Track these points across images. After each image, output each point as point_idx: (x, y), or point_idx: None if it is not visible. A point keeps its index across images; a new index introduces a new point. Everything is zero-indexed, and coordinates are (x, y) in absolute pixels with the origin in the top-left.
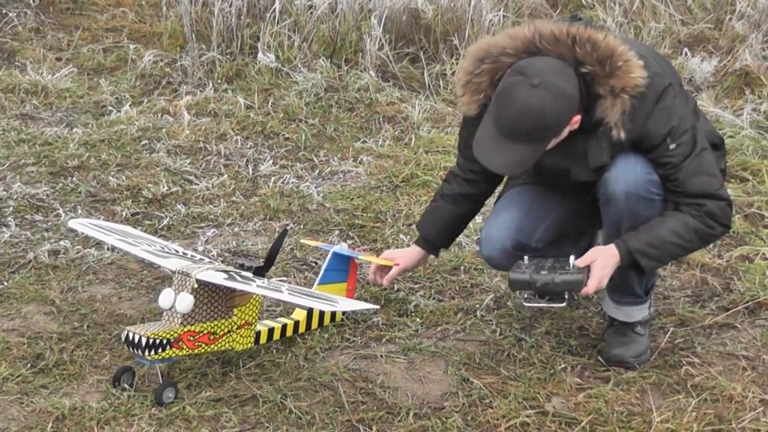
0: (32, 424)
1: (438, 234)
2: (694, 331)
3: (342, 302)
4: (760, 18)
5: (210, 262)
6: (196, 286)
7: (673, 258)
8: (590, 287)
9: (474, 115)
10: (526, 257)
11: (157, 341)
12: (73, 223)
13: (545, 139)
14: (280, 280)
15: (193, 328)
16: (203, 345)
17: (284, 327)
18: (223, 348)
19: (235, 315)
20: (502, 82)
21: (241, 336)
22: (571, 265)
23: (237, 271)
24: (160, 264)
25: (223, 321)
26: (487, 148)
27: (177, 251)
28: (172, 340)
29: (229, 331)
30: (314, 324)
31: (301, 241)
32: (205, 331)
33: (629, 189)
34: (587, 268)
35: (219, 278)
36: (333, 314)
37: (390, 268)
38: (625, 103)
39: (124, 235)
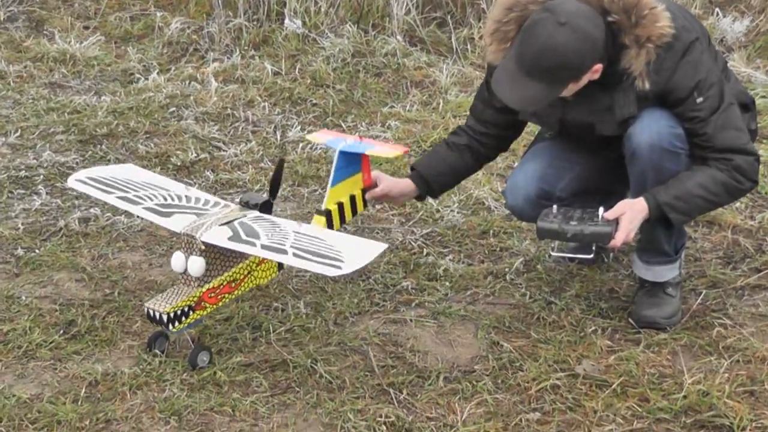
0: (65, 389)
1: (434, 174)
2: (725, 293)
3: (347, 261)
4: None
5: (214, 205)
6: (203, 247)
7: (701, 212)
8: (618, 240)
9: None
10: (554, 207)
11: (179, 312)
12: (71, 182)
13: (563, 80)
14: (288, 224)
15: (211, 284)
16: (226, 295)
17: None
18: (247, 288)
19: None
20: (530, 19)
21: (262, 270)
22: (600, 217)
23: (242, 214)
24: (162, 224)
25: (240, 265)
26: (504, 81)
27: (179, 197)
28: (193, 305)
29: (249, 272)
30: (336, 226)
31: (307, 136)
32: (225, 282)
33: (653, 142)
34: (616, 221)
35: (223, 237)
36: (354, 208)
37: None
38: (650, 53)
39: (127, 183)
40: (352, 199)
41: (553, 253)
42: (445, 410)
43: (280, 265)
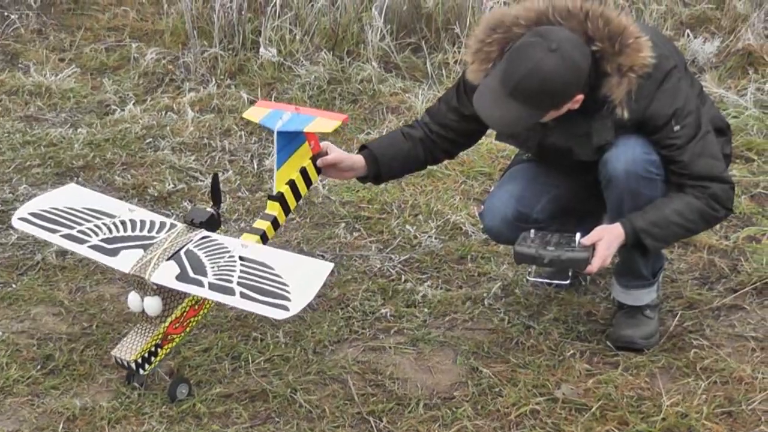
0: (43, 425)
1: (387, 158)
2: (702, 314)
3: (294, 299)
4: None
5: (161, 226)
6: (155, 287)
7: (677, 239)
8: (594, 266)
9: (479, 84)
10: (532, 231)
11: (146, 355)
12: (15, 222)
13: (545, 106)
14: (236, 245)
15: (174, 316)
16: (192, 319)
17: (264, 236)
18: (213, 304)
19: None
20: (519, 41)
21: None
22: (577, 243)
23: (188, 240)
24: (109, 265)
25: None
26: (486, 99)
27: (124, 222)
28: (159, 342)
29: None
30: (292, 205)
31: (243, 115)
32: (188, 307)
33: (629, 168)
34: (592, 246)
35: (171, 278)
36: (307, 180)
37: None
38: (632, 82)
39: (71, 213)
40: (303, 172)
41: (530, 278)
42: None
43: None
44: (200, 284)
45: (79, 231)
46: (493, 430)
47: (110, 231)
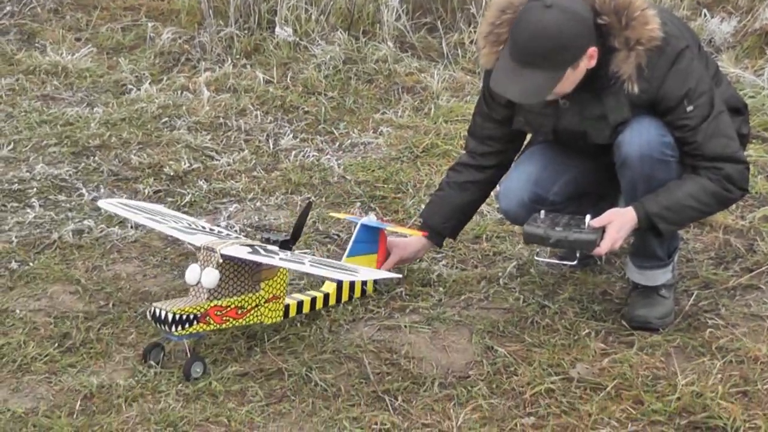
0: (61, 402)
1: (443, 222)
2: (718, 293)
3: (363, 272)
4: None
5: (236, 237)
6: (221, 261)
7: (692, 221)
8: (603, 248)
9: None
10: (542, 211)
11: (184, 317)
12: (102, 203)
13: (560, 64)
14: (303, 253)
15: (220, 302)
16: (231, 319)
17: (314, 300)
18: (251, 322)
19: (263, 289)
20: (518, 13)
21: (269, 309)
22: (587, 224)
23: (262, 245)
24: (185, 240)
25: (250, 295)
26: (502, 77)
27: (204, 227)
28: (199, 315)
29: (257, 305)
30: (344, 296)
31: (330, 213)
32: (233, 306)
33: (643, 151)
34: (602, 229)
35: (243, 252)
36: (363, 287)
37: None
38: (640, 56)
39: (151, 213)
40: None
41: (537, 258)
42: (440, 416)
43: (286, 314)
44: (271, 258)
45: (161, 218)
46: (508, 409)
47: (189, 225)
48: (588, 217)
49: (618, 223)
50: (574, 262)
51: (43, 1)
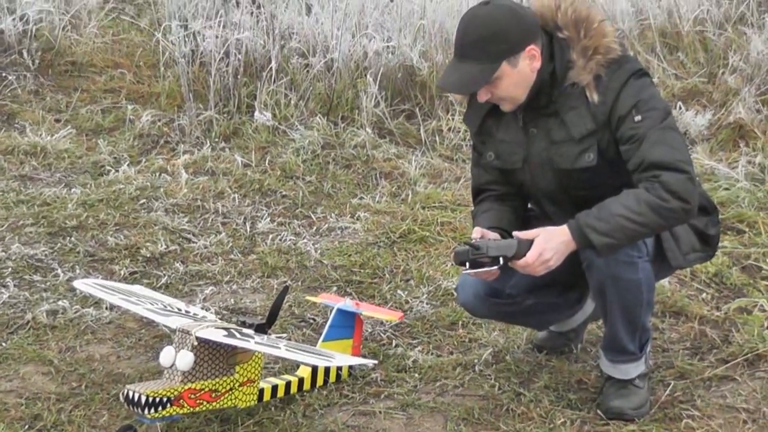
0: None
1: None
2: (693, 384)
3: (338, 357)
4: (753, 72)
5: (212, 320)
6: (196, 343)
7: (627, 234)
8: (529, 257)
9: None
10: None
11: (157, 399)
12: (78, 284)
13: (495, 55)
14: (279, 337)
15: (194, 385)
16: (205, 402)
17: (288, 384)
18: (225, 405)
19: (237, 372)
20: None
21: (243, 393)
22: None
23: (238, 328)
24: (160, 322)
25: (225, 378)
26: (444, 74)
27: (179, 309)
28: (172, 398)
29: (231, 389)
30: (319, 381)
31: (307, 297)
32: (207, 389)
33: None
34: (529, 241)
35: (218, 335)
36: (339, 372)
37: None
38: (599, 65)
39: (127, 294)
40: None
41: (464, 272)
42: None
43: (260, 398)
44: (247, 341)
45: (136, 300)
46: None
47: (164, 308)
48: (515, 233)
49: (546, 234)
50: (496, 267)
51: (24, 82)
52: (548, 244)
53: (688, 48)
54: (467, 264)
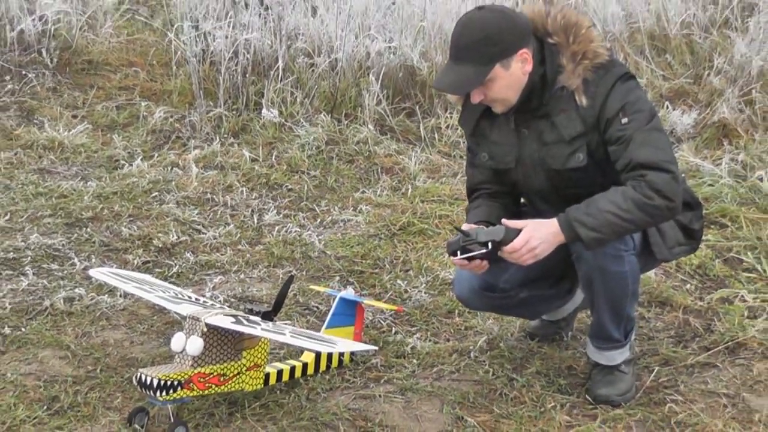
0: None
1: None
2: (677, 370)
3: (341, 344)
4: (736, 73)
5: (221, 307)
6: (205, 330)
7: (614, 230)
8: (517, 243)
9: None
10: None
11: (168, 382)
12: (93, 272)
13: (489, 58)
14: (284, 324)
15: (203, 369)
16: (213, 386)
17: (293, 369)
18: (232, 389)
19: (245, 357)
20: None
21: (250, 377)
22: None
23: (245, 315)
24: (172, 309)
25: (232, 363)
26: (439, 75)
27: (190, 297)
28: (183, 382)
29: (238, 373)
30: (322, 366)
31: (310, 286)
32: (215, 373)
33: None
34: (517, 230)
35: (227, 322)
36: (341, 358)
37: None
38: (587, 70)
39: (140, 282)
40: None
41: (454, 259)
42: None
43: (266, 381)
44: (254, 328)
45: (149, 287)
46: None
47: (175, 295)
48: (504, 220)
49: (535, 224)
50: (485, 250)
51: (42, 80)
52: (536, 233)
53: (675, 50)
54: (458, 252)
